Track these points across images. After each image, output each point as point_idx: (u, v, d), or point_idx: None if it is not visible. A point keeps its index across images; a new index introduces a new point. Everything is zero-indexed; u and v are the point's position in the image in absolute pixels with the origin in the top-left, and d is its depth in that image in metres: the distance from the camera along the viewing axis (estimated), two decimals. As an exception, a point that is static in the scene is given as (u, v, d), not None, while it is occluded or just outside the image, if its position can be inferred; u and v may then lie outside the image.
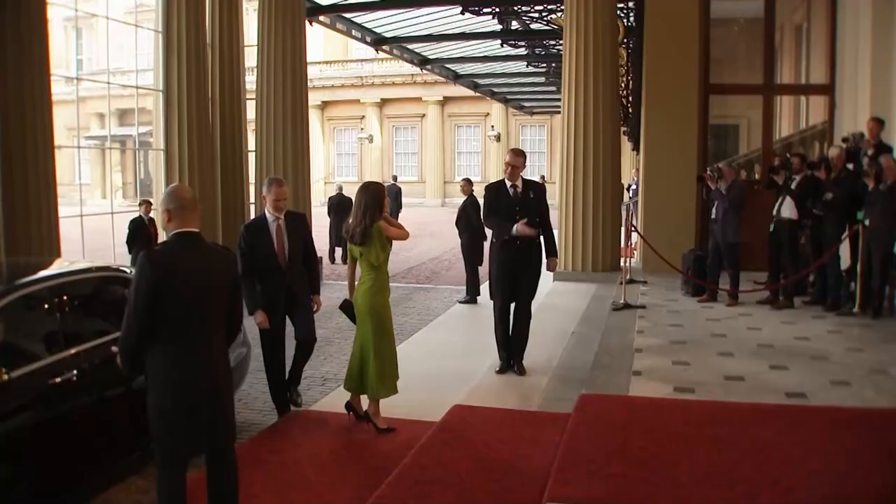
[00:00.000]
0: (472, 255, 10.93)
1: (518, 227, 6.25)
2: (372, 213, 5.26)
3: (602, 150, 11.43)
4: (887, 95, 9.14)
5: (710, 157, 11.78)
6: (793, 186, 8.73)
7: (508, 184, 6.41)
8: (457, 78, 25.61)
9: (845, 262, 8.71)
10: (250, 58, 13.94)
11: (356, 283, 5.52)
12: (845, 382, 5.71)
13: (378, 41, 18.35)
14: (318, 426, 5.61)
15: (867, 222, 7.99)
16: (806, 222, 8.80)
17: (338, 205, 17.25)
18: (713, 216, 9.14)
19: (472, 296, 10.87)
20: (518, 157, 6.41)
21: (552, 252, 6.65)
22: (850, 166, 8.64)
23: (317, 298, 5.95)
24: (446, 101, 41.35)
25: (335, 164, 44.93)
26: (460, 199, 11.45)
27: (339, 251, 17.16)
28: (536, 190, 6.47)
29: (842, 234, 8.49)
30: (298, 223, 5.73)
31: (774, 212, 8.89)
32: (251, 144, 14.16)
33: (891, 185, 7.81)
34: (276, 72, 12.84)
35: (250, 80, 13.74)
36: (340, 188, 18.26)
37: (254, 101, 13.24)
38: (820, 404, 5.20)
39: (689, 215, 11.31)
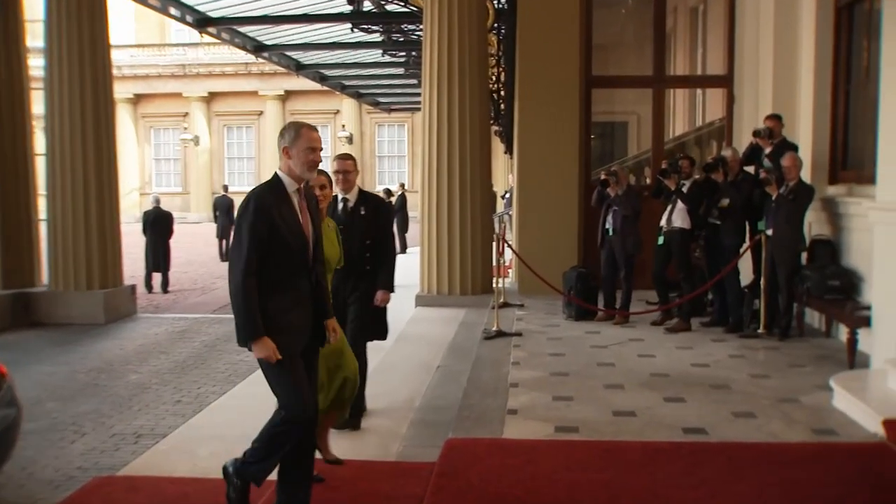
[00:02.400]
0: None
1: (378, 297, 6.08)
2: None
3: (470, 153, 11.50)
4: (792, 88, 9.66)
5: (594, 160, 12.09)
6: (684, 191, 9.04)
7: (340, 196, 6.17)
8: (300, 68, 25.25)
9: (747, 276, 9.08)
10: (36, 36, 13.18)
11: None
12: (750, 414, 5.86)
13: (202, 22, 17.80)
14: (129, 497, 5.19)
15: (770, 232, 8.35)
16: (699, 232, 9.13)
17: (154, 221, 16.61)
18: (609, 226, 9.34)
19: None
20: (347, 162, 6.14)
21: (386, 284, 6.21)
22: (751, 168, 9.06)
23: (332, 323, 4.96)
24: (288, 95, 40.99)
25: (152, 172, 43.53)
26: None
27: (157, 277, 16.49)
28: (370, 205, 6.24)
29: (741, 245, 8.85)
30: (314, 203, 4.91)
31: (663, 221, 9.18)
32: (42, 146, 13.32)
33: (794, 188, 8.21)
34: (70, 54, 12.17)
35: (38, 66, 12.94)
36: (158, 200, 17.60)
37: (42, 92, 12.47)
38: (722, 441, 5.30)
39: (570, 227, 11.52)
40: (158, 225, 16.64)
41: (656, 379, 6.91)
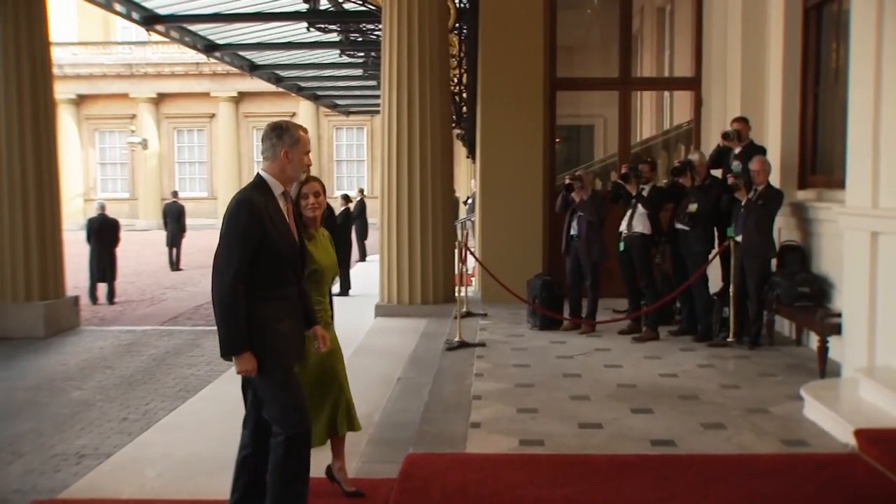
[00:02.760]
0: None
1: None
2: None
3: (431, 157, 11.51)
4: (760, 90, 9.80)
5: (559, 164, 12.16)
6: (644, 195, 9.16)
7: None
8: (254, 69, 25.08)
9: (716, 284, 9.19)
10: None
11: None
12: (719, 425, 5.92)
13: (149, 19, 17.62)
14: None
15: (739, 238, 8.46)
16: (660, 237, 9.25)
17: (99, 228, 16.42)
18: (574, 232, 9.41)
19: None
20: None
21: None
22: (719, 172, 9.17)
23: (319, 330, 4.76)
24: (241, 97, 40.82)
25: (97, 177, 43.04)
26: None
27: (102, 288, 16.29)
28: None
29: (709, 251, 8.96)
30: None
31: (623, 227, 9.28)
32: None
33: (763, 192, 8.33)
34: (6, 52, 11.95)
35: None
36: (103, 207, 17.40)
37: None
38: (691, 453, 5.35)
39: (535, 233, 11.58)
40: (104, 233, 16.44)
41: (623, 390, 6.96)
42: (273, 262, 4.03)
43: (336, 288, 13.62)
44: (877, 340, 6.31)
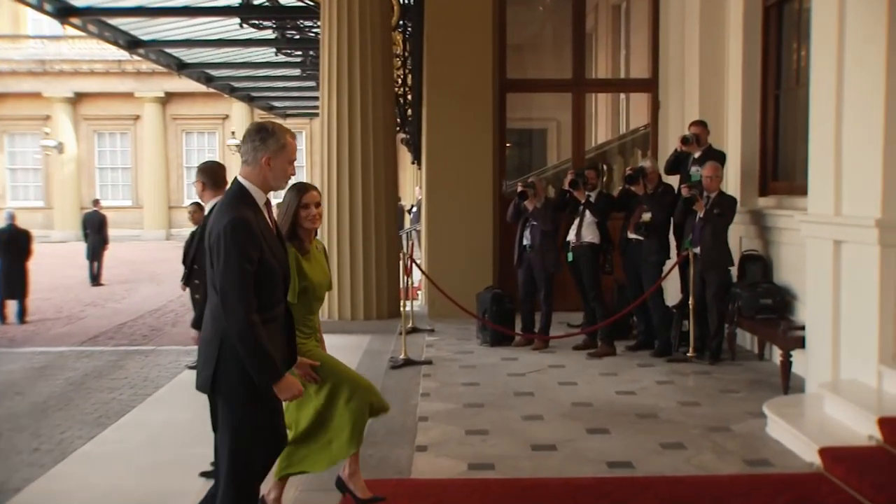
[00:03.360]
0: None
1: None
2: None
3: (374, 163, 11.49)
4: (719, 92, 10.00)
5: (510, 171, 12.20)
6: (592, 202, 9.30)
7: None
8: (182, 68, 24.77)
9: (675, 296, 9.31)
10: None
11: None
12: (679, 445, 6.01)
13: (64, 11, 17.27)
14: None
15: (697, 250, 8.59)
16: (608, 246, 9.39)
17: (8, 241, 16.10)
18: (527, 242, 9.48)
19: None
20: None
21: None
22: (678, 178, 9.32)
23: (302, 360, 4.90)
24: (169, 98, 40.30)
25: (7, 184, 42.14)
26: (190, 230, 11.01)
27: (12, 305, 15.98)
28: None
29: (664, 261, 9.09)
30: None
31: (571, 236, 9.40)
32: None
33: (717, 200, 8.49)
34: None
35: None
36: (12, 217, 17.02)
37: None
38: (649, 475, 5.41)
39: (484, 244, 11.62)
40: (13, 245, 16.10)
41: (578, 409, 7.02)
42: (268, 284, 3.90)
43: (194, 356, 13.43)
44: (841, 354, 6.43)
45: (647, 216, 8.97)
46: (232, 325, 3.78)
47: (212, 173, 6.02)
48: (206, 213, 5.92)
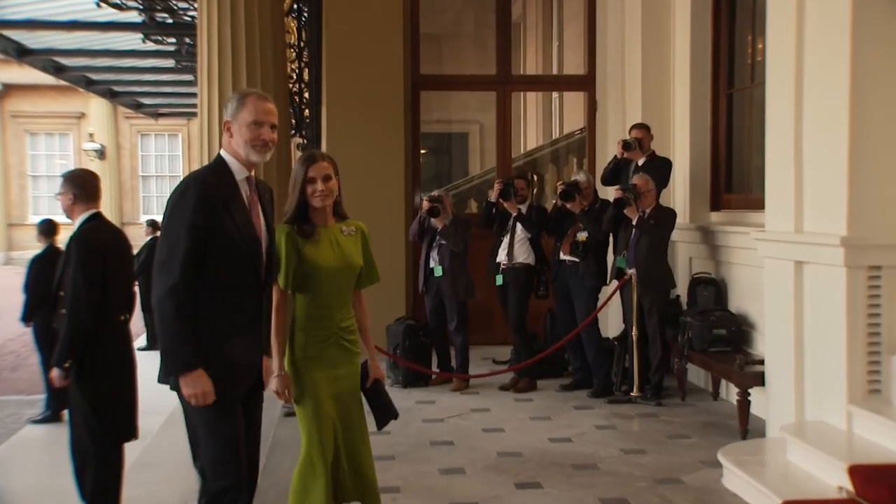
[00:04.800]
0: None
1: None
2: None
3: (264, 173, 11.33)
4: (663, 91, 10.14)
5: (426, 181, 12.15)
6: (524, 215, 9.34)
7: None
8: (24, 54, 23.93)
9: (615, 326, 9.36)
10: None
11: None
12: (623, 501, 5.99)
13: None
14: None
15: (633, 270, 8.64)
16: (543, 267, 9.44)
17: None
18: (433, 264, 9.50)
19: (54, 409, 10.12)
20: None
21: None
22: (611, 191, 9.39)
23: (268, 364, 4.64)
24: (7, 91, 38.82)
25: None
26: (32, 253, 10.74)
27: None
28: None
29: (600, 286, 9.14)
30: (268, 197, 4.57)
31: (502, 256, 9.44)
32: None
33: (652, 213, 8.58)
34: None
35: None
36: None
37: None
38: (587, 535, 5.40)
39: (396, 267, 11.49)
40: None
41: (506, 459, 6.99)
42: (226, 263, 3.97)
43: (143, 341, 13.69)
44: (806, 391, 6.50)
45: (582, 235, 9.03)
46: (156, 290, 3.87)
47: (83, 183, 5.90)
48: (75, 229, 5.78)
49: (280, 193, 11.43)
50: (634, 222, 8.61)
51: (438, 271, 9.47)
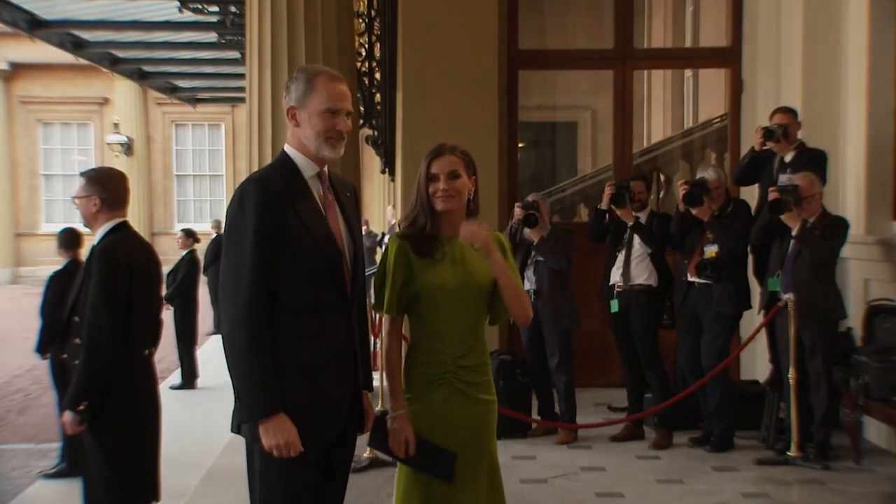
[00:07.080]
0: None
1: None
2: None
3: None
4: (830, 66, 9.85)
5: (524, 181, 12.02)
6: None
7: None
8: (36, 27, 24.46)
9: (758, 365, 9.13)
10: None
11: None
12: None
13: None
14: None
15: (790, 295, 8.36)
16: (668, 290, 9.26)
17: None
18: (529, 285, 9.34)
19: (70, 461, 10.20)
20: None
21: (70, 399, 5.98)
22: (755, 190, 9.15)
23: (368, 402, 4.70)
24: (16, 71, 39.51)
25: None
26: (49, 270, 11.08)
27: None
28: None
29: (740, 315, 8.92)
30: (349, 195, 4.63)
31: (617, 277, 9.32)
32: None
33: (818, 221, 8.28)
34: None
35: None
36: None
37: None
38: None
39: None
40: None
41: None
42: (301, 278, 3.98)
43: (177, 378, 14.59)
44: None
45: (711, 250, 8.79)
46: (226, 325, 3.90)
47: (109, 184, 5.91)
48: (97, 241, 5.76)
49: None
50: (794, 233, 8.31)
51: (534, 295, 9.34)
